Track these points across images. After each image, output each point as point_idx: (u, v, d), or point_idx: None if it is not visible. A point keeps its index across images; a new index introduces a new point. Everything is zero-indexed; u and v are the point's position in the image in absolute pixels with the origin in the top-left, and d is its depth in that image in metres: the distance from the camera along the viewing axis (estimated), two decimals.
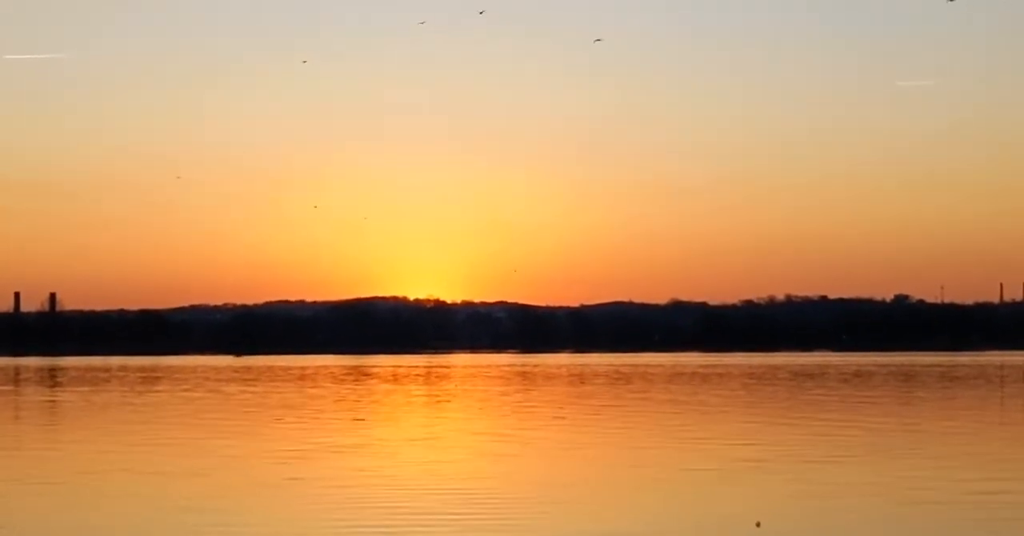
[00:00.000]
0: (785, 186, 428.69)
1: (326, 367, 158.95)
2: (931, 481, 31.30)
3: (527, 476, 33.22)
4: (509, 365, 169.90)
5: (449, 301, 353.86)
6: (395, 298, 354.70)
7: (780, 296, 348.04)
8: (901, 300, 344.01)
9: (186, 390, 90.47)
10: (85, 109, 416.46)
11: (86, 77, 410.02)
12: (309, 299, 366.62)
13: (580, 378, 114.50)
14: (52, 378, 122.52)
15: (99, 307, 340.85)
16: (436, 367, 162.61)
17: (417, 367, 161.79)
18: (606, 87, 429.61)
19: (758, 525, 24.16)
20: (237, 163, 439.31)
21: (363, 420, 56.57)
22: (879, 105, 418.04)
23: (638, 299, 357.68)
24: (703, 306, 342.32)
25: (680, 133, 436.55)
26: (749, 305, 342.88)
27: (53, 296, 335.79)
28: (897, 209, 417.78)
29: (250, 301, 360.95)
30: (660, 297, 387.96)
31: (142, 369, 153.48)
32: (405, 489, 30.41)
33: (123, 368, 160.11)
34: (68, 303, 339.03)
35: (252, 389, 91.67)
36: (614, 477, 32.90)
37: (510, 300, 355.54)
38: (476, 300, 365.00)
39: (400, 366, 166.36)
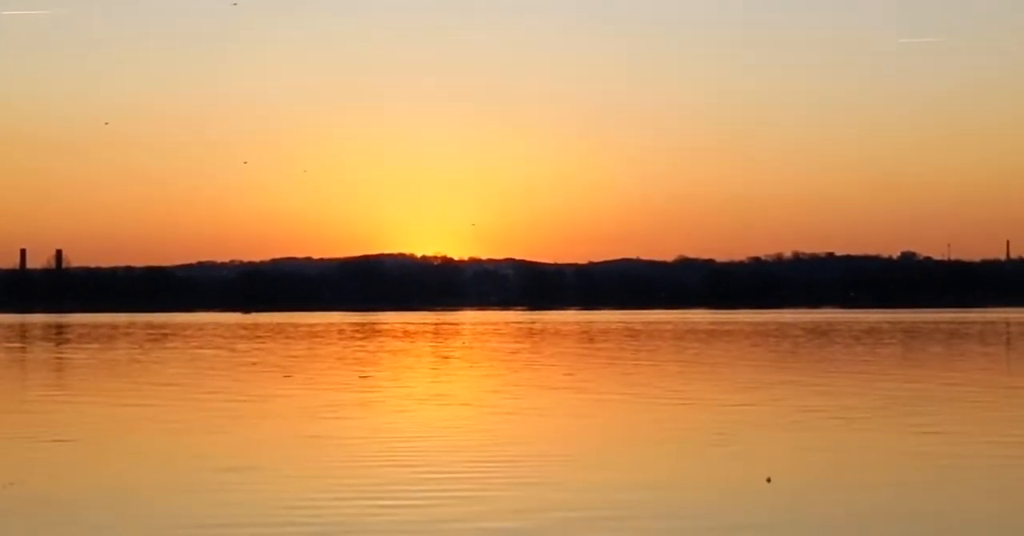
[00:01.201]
0: (792, 144, 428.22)
1: (335, 324, 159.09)
2: (948, 439, 31.18)
3: (540, 433, 33.17)
4: (517, 322, 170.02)
5: (456, 258, 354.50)
6: (402, 255, 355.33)
7: (787, 253, 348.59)
8: (908, 257, 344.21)
9: (197, 347, 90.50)
10: (91, 65, 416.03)
11: (91, 33, 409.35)
12: (316, 256, 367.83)
13: (588, 335, 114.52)
14: (61, 335, 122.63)
15: (105, 264, 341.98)
16: (444, 324, 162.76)
17: (425, 324, 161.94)
18: (614, 45, 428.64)
19: (768, 481, 24.21)
20: (245, 119, 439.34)
21: (369, 377, 56.48)
22: (886, 63, 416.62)
23: (645, 256, 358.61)
24: (710, 263, 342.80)
25: (688, 92, 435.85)
26: (756, 262, 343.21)
27: (59, 253, 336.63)
28: (904, 167, 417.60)
29: (257, 258, 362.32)
30: (667, 254, 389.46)
31: (150, 326, 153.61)
32: (422, 447, 30.33)
33: (130, 325, 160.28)
34: (74, 260, 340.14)
35: (264, 346, 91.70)
36: (624, 434, 32.87)
37: (517, 257, 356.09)
38: (483, 257, 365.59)
39: (409, 323, 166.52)
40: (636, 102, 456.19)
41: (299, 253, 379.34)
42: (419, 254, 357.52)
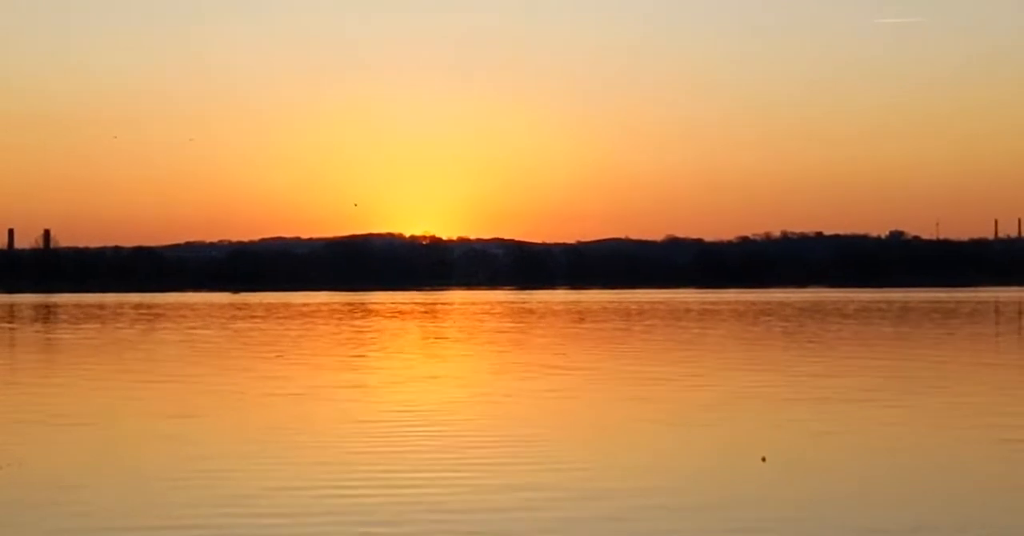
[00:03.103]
0: (780, 123, 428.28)
1: (327, 304, 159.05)
2: (941, 418, 31.37)
3: (535, 413, 33.30)
4: (507, 301, 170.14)
5: (445, 238, 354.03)
6: (391, 235, 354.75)
7: (776, 232, 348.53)
8: (896, 236, 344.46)
9: (192, 327, 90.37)
10: (75, 44, 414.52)
11: (77, 10, 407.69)
12: (305, 236, 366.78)
13: (580, 314, 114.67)
14: (52, 315, 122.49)
15: (94, 244, 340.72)
16: (435, 304, 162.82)
17: (415, 304, 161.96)
18: (602, 27, 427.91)
19: (763, 460, 24.31)
20: (232, 98, 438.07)
21: (366, 356, 56.50)
22: (873, 43, 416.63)
23: (634, 236, 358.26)
24: (699, 242, 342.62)
25: (676, 74, 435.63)
26: (745, 241, 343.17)
27: (47, 233, 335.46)
28: (892, 146, 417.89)
29: (246, 238, 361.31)
30: (656, 234, 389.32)
31: (141, 306, 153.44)
32: (424, 426, 30.47)
33: (120, 305, 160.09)
34: (62, 240, 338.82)
35: (261, 326, 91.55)
36: (615, 414, 32.97)
37: (506, 237, 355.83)
38: (472, 237, 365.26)
39: (401, 302, 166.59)
40: (625, 84, 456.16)
41: (287, 233, 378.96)
42: (408, 234, 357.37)
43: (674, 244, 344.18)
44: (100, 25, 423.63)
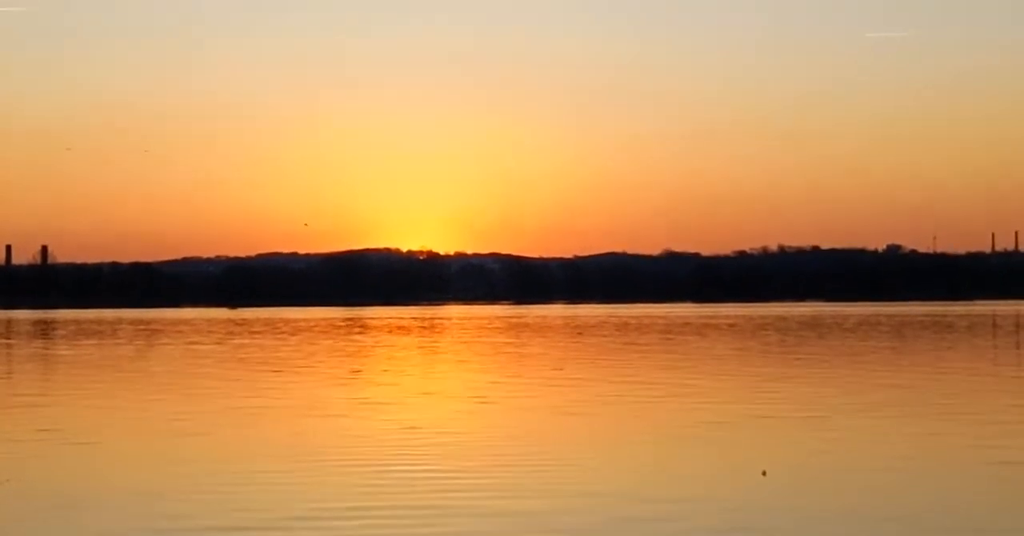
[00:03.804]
0: (778, 137, 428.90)
1: (325, 319, 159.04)
2: (945, 435, 31.45)
3: (537, 429, 33.39)
4: (504, 316, 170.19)
5: (442, 252, 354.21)
6: (388, 250, 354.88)
7: (773, 246, 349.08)
8: (893, 250, 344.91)
9: (193, 343, 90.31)
10: (72, 61, 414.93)
11: (75, 28, 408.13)
12: (302, 251, 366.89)
13: (577, 329, 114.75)
14: (51, 331, 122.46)
15: (91, 260, 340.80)
16: (432, 319, 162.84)
17: (413, 319, 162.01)
18: (599, 41, 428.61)
19: (764, 474, 24.45)
20: (229, 114, 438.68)
21: (361, 371, 56.54)
22: (871, 57, 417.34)
23: (631, 250, 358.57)
24: (696, 257, 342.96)
25: (672, 86, 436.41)
26: (742, 255, 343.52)
27: (44, 249, 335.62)
28: (889, 159, 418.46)
29: (243, 253, 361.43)
30: (653, 248, 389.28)
31: (139, 322, 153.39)
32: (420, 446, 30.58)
33: (119, 321, 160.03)
34: (60, 256, 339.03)
35: (264, 342, 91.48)
36: (617, 428, 33.09)
37: (503, 251, 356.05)
38: (469, 251, 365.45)
39: (400, 317, 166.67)
40: (621, 98, 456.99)
41: (284, 248, 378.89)
42: (404, 249, 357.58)
43: (671, 258, 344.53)
44: (97, 44, 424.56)
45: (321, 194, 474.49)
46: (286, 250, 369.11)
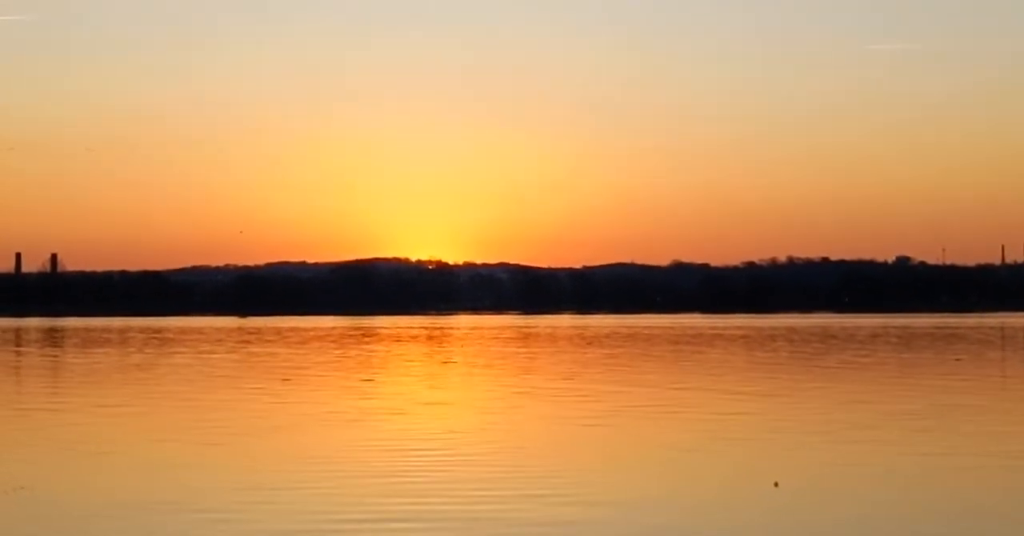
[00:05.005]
0: (787, 149, 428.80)
1: (335, 328, 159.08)
2: (959, 446, 31.53)
3: (553, 440, 33.54)
4: (514, 326, 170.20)
5: (451, 262, 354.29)
6: (397, 259, 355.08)
7: (782, 258, 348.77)
8: (902, 261, 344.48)
9: (206, 352, 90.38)
10: (81, 70, 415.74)
11: (82, 39, 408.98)
12: (311, 260, 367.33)
13: (587, 339, 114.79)
14: (61, 339, 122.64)
15: (100, 268, 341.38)
16: (441, 328, 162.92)
17: (422, 328, 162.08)
18: (609, 51, 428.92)
19: (776, 485, 24.60)
20: (238, 123, 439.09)
21: (371, 381, 56.62)
22: (880, 68, 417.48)
23: (640, 260, 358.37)
24: (705, 267, 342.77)
25: (681, 98, 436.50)
26: (751, 267, 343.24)
27: (54, 257, 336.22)
28: (898, 171, 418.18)
29: (252, 262, 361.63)
30: (662, 259, 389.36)
31: (150, 330, 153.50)
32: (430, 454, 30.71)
33: (128, 329, 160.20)
34: (69, 264, 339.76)
35: (276, 350, 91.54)
36: (629, 441, 33.18)
37: (512, 261, 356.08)
38: (478, 261, 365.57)
39: (410, 327, 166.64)
40: (630, 108, 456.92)
41: (294, 257, 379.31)
42: (414, 258, 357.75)
43: (680, 269, 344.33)
44: (105, 54, 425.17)
45: (330, 204, 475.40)
46: (295, 259, 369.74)
